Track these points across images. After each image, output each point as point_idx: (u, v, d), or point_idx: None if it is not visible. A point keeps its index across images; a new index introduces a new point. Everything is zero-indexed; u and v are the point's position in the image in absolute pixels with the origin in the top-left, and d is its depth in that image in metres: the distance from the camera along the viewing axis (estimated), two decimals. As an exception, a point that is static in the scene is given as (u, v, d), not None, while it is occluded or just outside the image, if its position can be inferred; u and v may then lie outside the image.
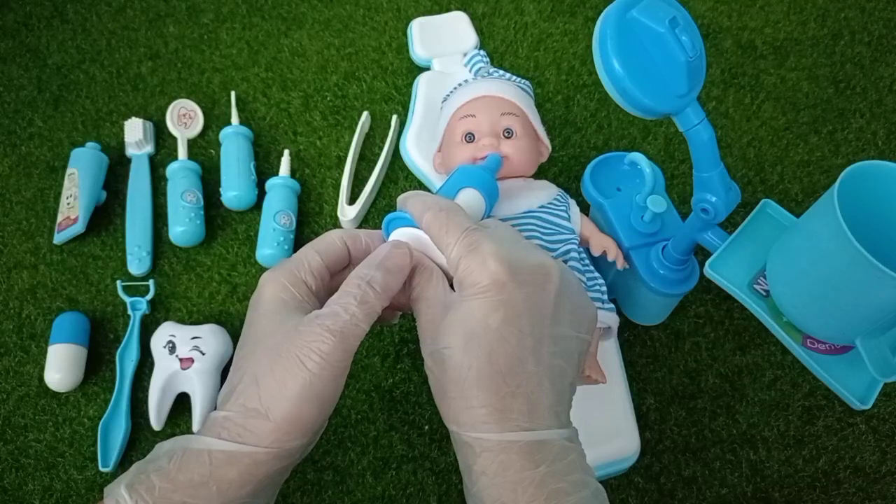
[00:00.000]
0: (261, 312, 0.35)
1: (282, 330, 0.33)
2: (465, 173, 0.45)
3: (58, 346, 0.58)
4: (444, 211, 0.36)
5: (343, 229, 0.39)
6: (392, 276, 0.35)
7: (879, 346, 0.44)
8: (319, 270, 0.37)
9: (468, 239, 0.34)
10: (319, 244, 0.38)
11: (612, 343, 0.55)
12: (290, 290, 0.35)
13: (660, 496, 0.56)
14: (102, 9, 0.83)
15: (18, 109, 0.75)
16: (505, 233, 0.36)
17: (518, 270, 0.33)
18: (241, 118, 0.74)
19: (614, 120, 0.75)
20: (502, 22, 0.83)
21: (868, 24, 0.85)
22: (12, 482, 0.55)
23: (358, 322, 0.33)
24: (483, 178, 0.45)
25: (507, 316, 0.32)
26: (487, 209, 0.44)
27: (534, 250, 0.35)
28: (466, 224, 0.35)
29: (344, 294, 0.34)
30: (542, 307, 0.33)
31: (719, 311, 0.64)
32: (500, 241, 0.34)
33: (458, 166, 0.46)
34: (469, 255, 0.33)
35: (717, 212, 0.46)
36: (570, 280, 0.35)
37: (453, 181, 0.44)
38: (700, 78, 0.42)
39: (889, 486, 0.57)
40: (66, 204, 0.66)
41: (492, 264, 0.32)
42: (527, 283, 0.33)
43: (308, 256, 0.37)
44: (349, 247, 0.38)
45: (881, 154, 0.75)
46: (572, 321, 0.34)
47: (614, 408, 0.53)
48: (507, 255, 0.33)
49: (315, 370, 0.32)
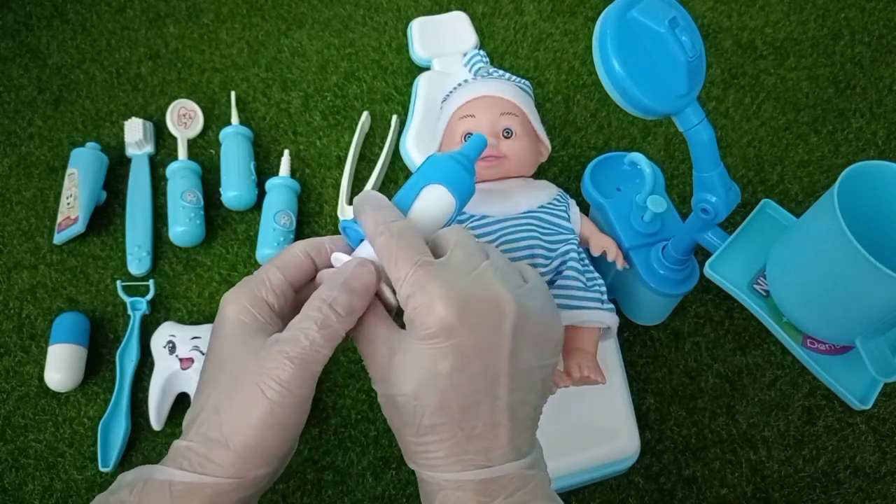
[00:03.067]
0: (222, 335, 0.34)
1: (242, 355, 0.32)
2: (432, 166, 0.39)
3: (58, 346, 0.58)
4: (395, 238, 0.33)
5: (307, 240, 0.37)
6: (357, 296, 0.33)
7: (879, 346, 0.44)
8: (282, 288, 0.35)
9: (416, 276, 0.31)
10: (280, 260, 0.36)
11: (612, 343, 0.55)
12: (250, 312, 0.34)
13: (660, 496, 0.56)
14: (102, 9, 0.83)
15: (18, 109, 0.75)
16: (460, 261, 0.33)
17: (468, 313, 0.31)
18: (241, 118, 0.74)
19: (614, 120, 0.75)
20: (502, 22, 0.83)
21: (868, 24, 0.85)
22: (12, 482, 0.55)
23: (318, 348, 0.32)
24: (452, 171, 0.38)
25: (456, 362, 0.31)
26: (459, 206, 0.39)
27: (490, 283, 0.32)
28: (416, 256, 0.32)
29: (304, 317, 0.32)
30: (496, 347, 0.31)
31: (719, 311, 0.64)
32: (452, 277, 0.31)
33: (428, 156, 0.40)
34: (418, 293, 0.31)
35: (717, 212, 0.46)
36: (530, 308, 0.33)
37: (419, 176, 0.38)
38: (700, 78, 0.42)
39: (889, 486, 0.57)
40: (66, 204, 0.66)
41: (440, 308, 0.30)
42: (478, 325, 0.31)
43: (269, 274, 0.35)
44: (314, 258, 0.37)
45: (881, 154, 0.75)
46: (535, 351, 0.33)
47: (614, 408, 0.53)
48: (457, 295, 0.31)
49: (275, 399, 0.31)
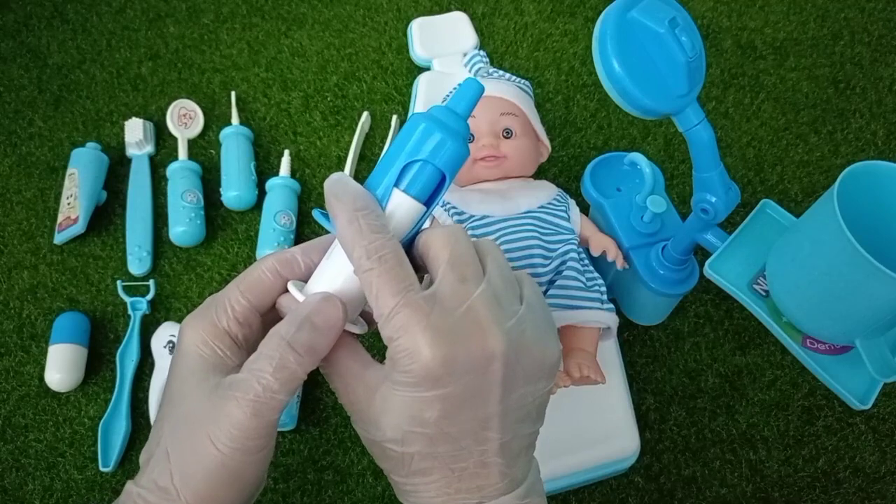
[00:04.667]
0: (178, 368, 0.31)
1: (195, 395, 0.30)
2: (418, 139, 0.30)
3: (58, 346, 0.58)
4: (376, 264, 0.28)
5: (275, 254, 0.33)
6: (320, 335, 0.30)
7: (879, 346, 0.44)
8: (245, 315, 0.32)
9: (400, 317, 0.28)
10: (245, 281, 0.32)
11: (612, 343, 0.55)
12: (209, 345, 0.31)
13: (660, 496, 0.56)
14: (103, 9, 0.83)
15: (19, 109, 0.75)
16: (450, 291, 0.29)
17: (455, 361, 0.28)
18: (242, 118, 0.74)
19: (614, 120, 0.75)
20: (502, 22, 0.83)
21: (868, 25, 0.85)
22: (12, 482, 0.55)
23: (273, 394, 0.28)
24: (440, 145, 0.30)
25: (444, 411, 0.28)
26: (449, 181, 0.31)
27: (479, 320, 0.29)
28: (400, 288, 0.28)
29: (260, 357, 0.29)
30: (485, 394, 0.29)
31: (719, 311, 0.64)
32: (439, 317, 0.28)
33: (411, 116, 0.32)
34: (402, 337, 0.28)
35: (716, 212, 0.46)
36: (523, 342, 0.30)
37: (401, 150, 0.31)
38: (700, 78, 0.42)
39: (889, 486, 0.57)
40: (67, 204, 0.66)
41: (425, 356, 0.27)
42: (466, 371, 0.28)
43: (232, 299, 0.32)
44: (283, 275, 0.33)
45: (881, 154, 0.75)
46: (528, 382, 0.31)
47: (614, 408, 0.53)
48: (444, 341, 0.28)
49: (226, 451, 0.28)
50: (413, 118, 0.31)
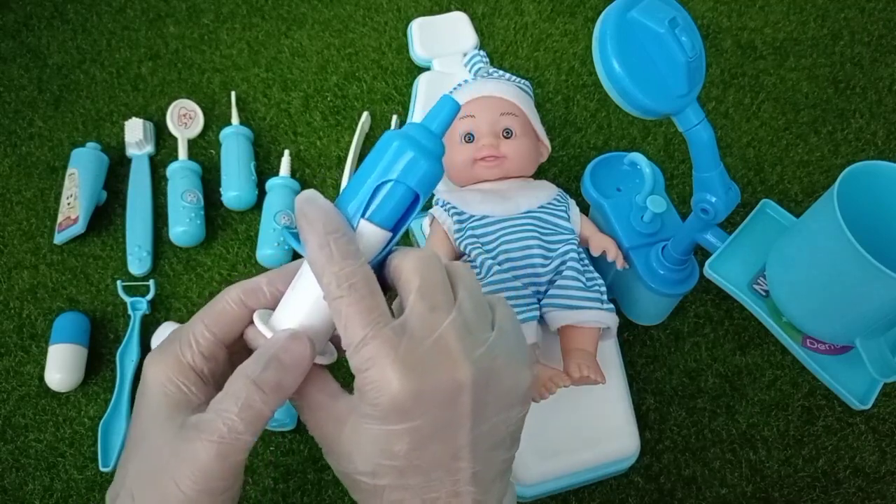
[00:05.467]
0: (143, 407, 0.30)
1: (161, 435, 0.29)
2: (390, 159, 0.29)
3: (58, 346, 0.58)
4: (346, 292, 0.28)
5: (241, 284, 0.33)
6: (287, 373, 0.29)
7: (879, 346, 0.44)
8: (211, 349, 0.31)
9: (369, 348, 0.28)
10: (209, 314, 0.32)
11: (612, 343, 0.55)
12: (173, 382, 0.30)
13: (660, 496, 0.56)
14: (103, 9, 0.83)
15: (19, 109, 0.75)
16: (419, 321, 0.29)
17: (424, 392, 0.28)
18: (242, 118, 0.74)
19: (614, 120, 0.75)
20: (502, 22, 0.83)
21: (868, 25, 0.85)
22: (12, 482, 0.55)
23: (239, 434, 0.28)
24: (413, 167, 0.29)
25: (413, 443, 0.28)
26: (423, 201, 0.31)
27: (449, 350, 0.28)
28: (370, 319, 0.28)
29: (225, 397, 0.28)
30: (455, 423, 0.29)
31: (719, 311, 0.64)
32: (408, 349, 0.28)
33: (385, 134, 0.30)
34: (370, 369, 0.28)
35: (716, 212, 0.46)
36: (493, 369, 0.29)
37: (372, 171, 0.30)
38: (700, 78, 0.42)
39: (889, 486, 0.57)
40: (67, 204, 0.66)
41: (394, 389, 0.27)
42: (435, 404, 0.28)
43: (196, 333, 0.31)
44: (249, 305, 0.32)
45: (881, 154, 0.75)
46: (500, 411, 0.30)
47: (614, 408, 0.53)
48: (412, 371, 0.27)
49: (191, 493, 0.27)
50: (387, 136, 0.30)
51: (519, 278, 0.52)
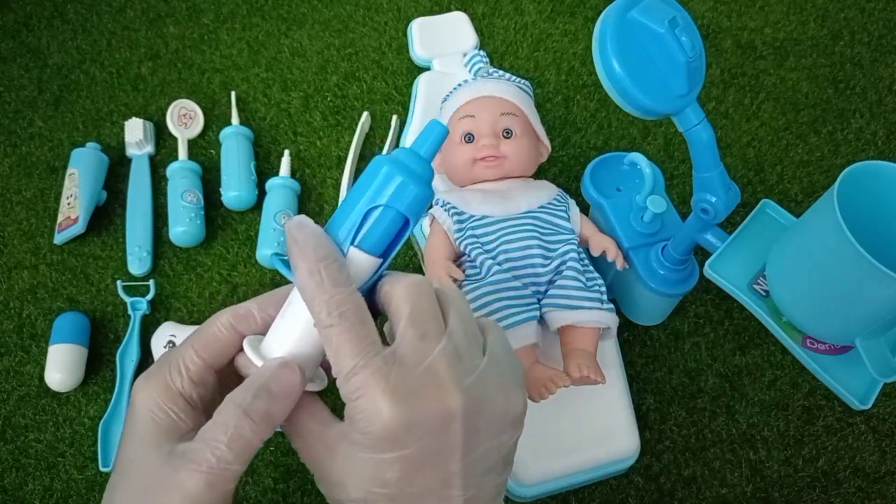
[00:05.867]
0: (131, 433, 0.30)
1: (149, 463, 0.29)
2: (379, 185, 0.30)
3: (58, 346, 0.58)
4: (336, 321, 0.28)
5: (231, 309, 0.32)
6: (277, 402, 0.29)
7: (879, 346, 0.44)
8: (200, 375, 0.31)
9: (360, 377, 0.28)
10: (199, 339, 0.32)
11: (612, 343, 0.55)
12: (162, 409, 0.30)
13: (660, 496, 0.56)
14: (103, 9, 0.83)
15: (19, 109, 0.75)
16: (410, 349, 0.29)
17: (414, 420, 0.28)
18: (242, 118, 0.74)
19: (614, 120, 0.75)
20: (502, 22, 0.83)
21: (868, 25, 0.85)
22: (12, 482, 0.55)
23: (228, 464, 0.27)
24: (402, 192, 0.30)
25: (404, 471, 0.28)
26: (413, 226, 0.31)
27: (439, 378, 0.28)
28: (361, 348, 0.28)
29: (214, 426, 0.28)
30: (446, 451, 0.29)
31: (719, 311, 0.64)
32: (399, 378, 0.28)
33: (374, 160, 0.30)
34: (361, 398, 0.28)
35: (716, 212, 0.46)
36: (484, 395, 0.29)
37: (361, 196, 0.30)
38: (700, 78, 0.42)
39: (889, 486, 0.57)
40: (67, 204, 0.66)
41: (385, 417, 0.27)
42: (425, 432, 0.28)
43: (186, 359, 0.31)
44: (239, 330, 0.32)
45: (881, 154, 0.75)
46: (491, 436, 0.30)
47: (614, 408, 0.53)
48: (403, 400, 0.27)
49: None
50: (375, 161, 0.30)
51: (519, 278, 0.52)
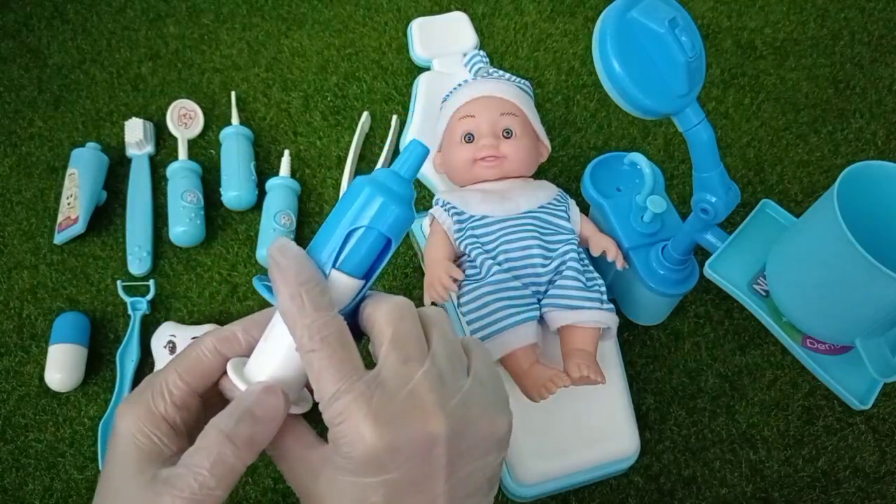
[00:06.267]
0: (113, 458, 0.30)
1: (131, 489, 0.29)
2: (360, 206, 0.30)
3: (58, 346, 0.58)
4: (318, 346, 0.28)
5: (216, 332, 0.32)
6: (261, 427, 0.29)
7: (879, 346, 0.44)
8: (184, 399, 0.31)
9: (343, 402, 0.28)
10: (183, 363, 0.31)
11: (612, 343, 0.55)
12: (145, 433, 0.29)
13: (660, 496, 0.56)
14: (103, 9, 0.83)
15: (19, 110, 0.75)
16: (393, 373, 0.29)
17: (397, 445, 0.28)
18: (242, 118, 0.74)
19: (614, 120, 0.75)
20: (502, 22, 0.83)
21: (868, 25, 0.85)
22: (12, 482, 0.55)
23: (210, 490, 0.27)
24: (384, 214, 0.30)
25: (388, 495, 0.28)
26: (395, 246, 0.31)
27: (422, 403, 0.28)
28: (344, 373, 0.28)
29: (197, 451, 0.28)
30: (430, 475, 0.29)
31: (719, 311, 0.64)
32: (381, 402, 0.28)
33: (354, 181, 0.31)
34: (344, 423, 0.28)
35: (716, 212, 0.46)
36: (468, 418, 0.29)
37: (342, 218, 0.30)
38: (700, 78, 0.42)
39: (889, 486, 0.57)
40: (67, 204, 0.66)
41: (368, 442, 0.27)
42: (409, 457, 0.28)
43: (169, 383, 0.31)
44: (224, 353, 0.32)
45: (881, 154, 0.75)
46: (476, 458, 0.30)
47: (614, 408, 0.53)
48: (385, 424, 0.27)
49: None
50: (357, 182, 0.30)
51: (519, 278, 0.52)
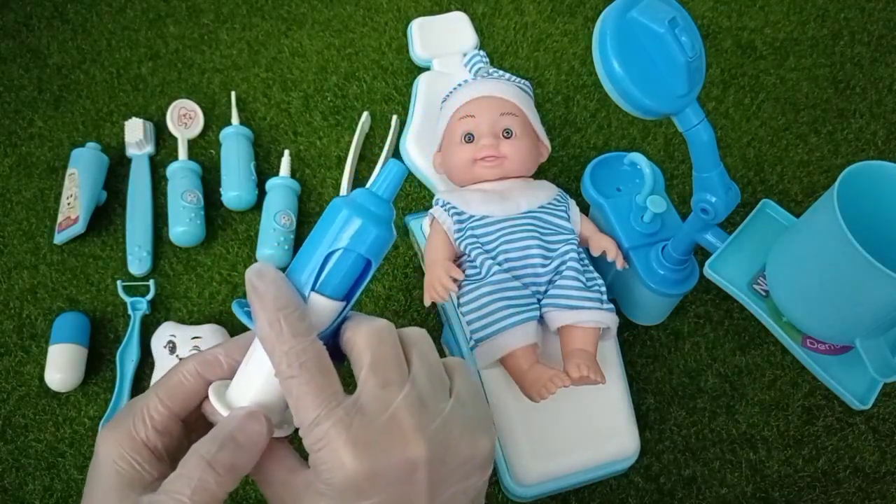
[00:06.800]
0: (94, 484, 0.29)
1: None
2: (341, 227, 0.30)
3: (58, 346, 0.58)
4: (297, 372, 0.28)
5: (198, 356, 0.32)
6: (243, 453, 0.28)
7: (879, 346, 0.44)
8: (165, 424, 0.30)
9: (322, 428, 0.27)
10: (164, 387, 0.31)
11: (612, 343, 0.55)
12: (126, 459, 0.29)
13: (660, 496, 0.56)
14: (103, 9, 0.83)
15: (19, 110, 0.75)
16: (372, 398, 0.29)
17: (378, 471, 0.27)
18: (242, 118, 0.74)
19: (614, 120, 0.75)
20: (502, 22, 0.83)
21: (868, 24, 0.85)
22: (12, 482, 0.55)
23: None
24: (364, 235, 0.30)
25: None
26: (376, 266, 0.31)
27: (402, 427, 0.28)
28: (323, 398, 0.28)
29: (178, 478, 0.28)
30: (412, 498, 0.29)
31: (719, 311, 0.64)
32: (361, 428, 0.28)
33: (334, 201, 0.31)
34: (324, 449, 0.28)
35: (716, 212, 0.46)
36: (449, 441, 0.29)
37: (322, 240, 0.30)
38: (700, 78, 0.42)
39: (889, 486, 0.57)
40: (67, 204, 0.66)
41: (348, 468, 0.27)
42: (389, 482, 0.28)
43: (151, 408, 0.30)
44: (206, 377, 0.32)
45: (881, 154, 0.75)
46: (458, 480, 0.30)
47: (614, 408, 0.53)
48: (365, 450, 0.27)
49: None
50: (335, 204, 0.30)
51: (519, 278, 0.52)
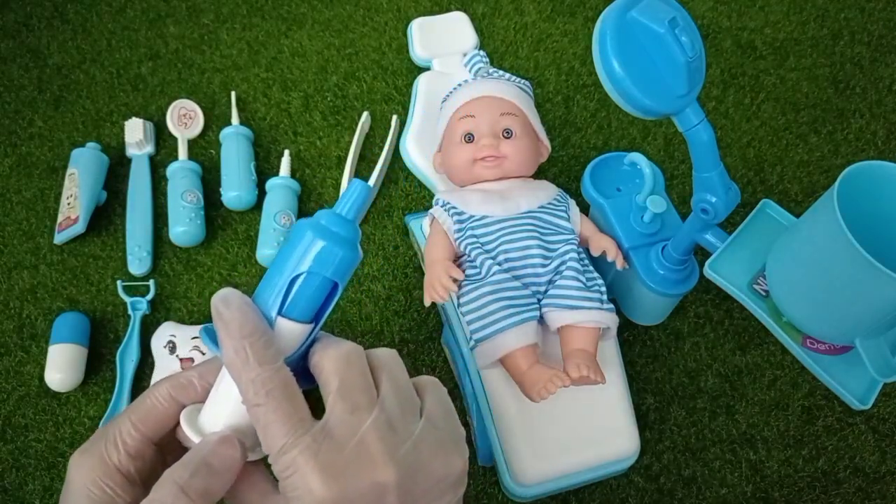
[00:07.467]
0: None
1: None
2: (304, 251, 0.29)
3: (58, 346, 0.58)
4: (265, 395, 0.28)
5: (171, 378, 0.32)
6: (216, 478, 0.28)
7: (879, 346, 0.44)
8: (138, 448, 0.30)
9: (291, 455, 0.27)
10: (137, 411, 0.31)
11: (612, 343, 0.55)
12: (98, 485, 0.29)
13: (660, 496, 0.56)
14: (103, 9, 0.83)
15: (19, 110, 0.75)
16: (340, 422, 0.29)
17: (347, 496, 0.27)
18: (242, 118, 0.74)
19: (614, 120, 0.75)
20: (502, 22, 0.83)
21: (868, 25, 0.85)
22: (12, 482, 0.55)
23: None
24: (329, 257, 0.29)
25: None
26: (343, 286, 0.31)
27: (371, 452, 0.28)
28: (291, 424, 0.28)
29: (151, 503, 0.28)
30: None
31: (719, 311, 0.64)
32: (329, 453, 0.28)
33: (297, 224, 0.31)
34: (293, 475, 0.27)
35: (716, 212, 0.46)
36: (419, 464, 0.29)
37: (287, 263, 0.30)
38: (700, 78, 0.42)
39: (889, 486, 0.57)
40: (67, 204, 0.66)
41: (316, 493, 0.27)
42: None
43: (123, 432, 0.30)
44: (179, 400, 0.32)
45: (881, 154, 0.75)
46: (432, 501, 0.30)
47: (614, 408, 0.53)
48: (334, 476, 0.27)
49: None
50: (299, 225, 0.30)
51: (519, 278, 0.52)
